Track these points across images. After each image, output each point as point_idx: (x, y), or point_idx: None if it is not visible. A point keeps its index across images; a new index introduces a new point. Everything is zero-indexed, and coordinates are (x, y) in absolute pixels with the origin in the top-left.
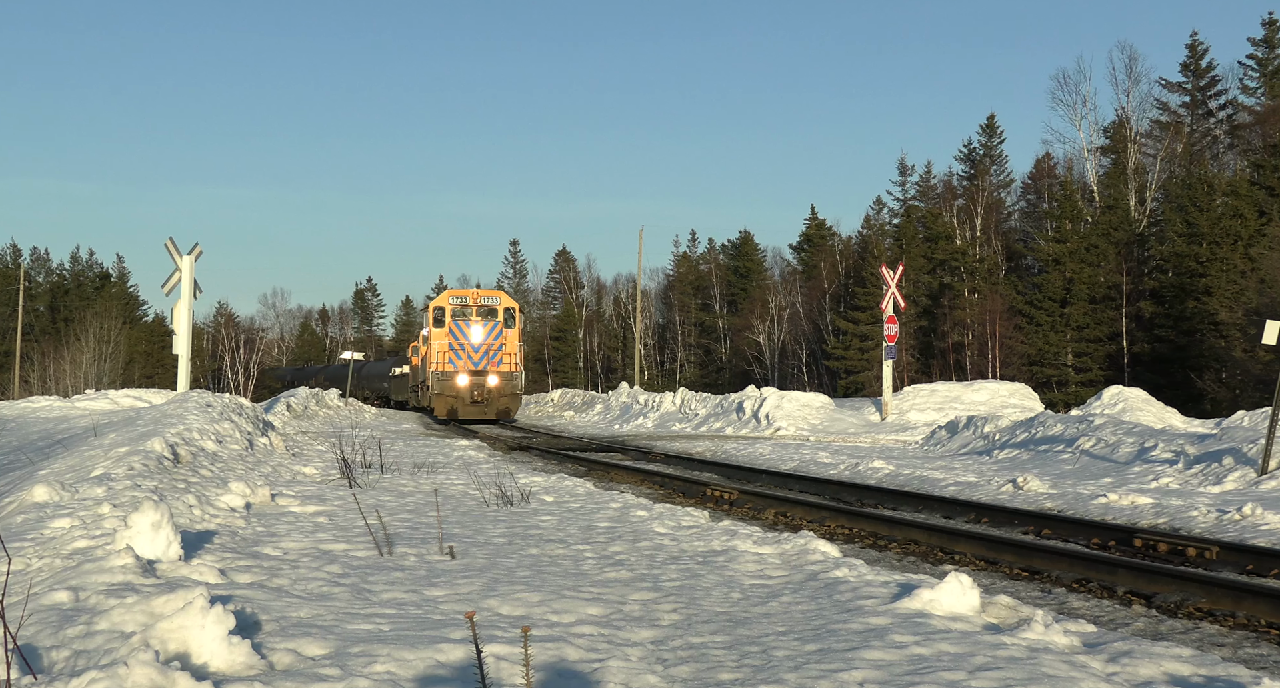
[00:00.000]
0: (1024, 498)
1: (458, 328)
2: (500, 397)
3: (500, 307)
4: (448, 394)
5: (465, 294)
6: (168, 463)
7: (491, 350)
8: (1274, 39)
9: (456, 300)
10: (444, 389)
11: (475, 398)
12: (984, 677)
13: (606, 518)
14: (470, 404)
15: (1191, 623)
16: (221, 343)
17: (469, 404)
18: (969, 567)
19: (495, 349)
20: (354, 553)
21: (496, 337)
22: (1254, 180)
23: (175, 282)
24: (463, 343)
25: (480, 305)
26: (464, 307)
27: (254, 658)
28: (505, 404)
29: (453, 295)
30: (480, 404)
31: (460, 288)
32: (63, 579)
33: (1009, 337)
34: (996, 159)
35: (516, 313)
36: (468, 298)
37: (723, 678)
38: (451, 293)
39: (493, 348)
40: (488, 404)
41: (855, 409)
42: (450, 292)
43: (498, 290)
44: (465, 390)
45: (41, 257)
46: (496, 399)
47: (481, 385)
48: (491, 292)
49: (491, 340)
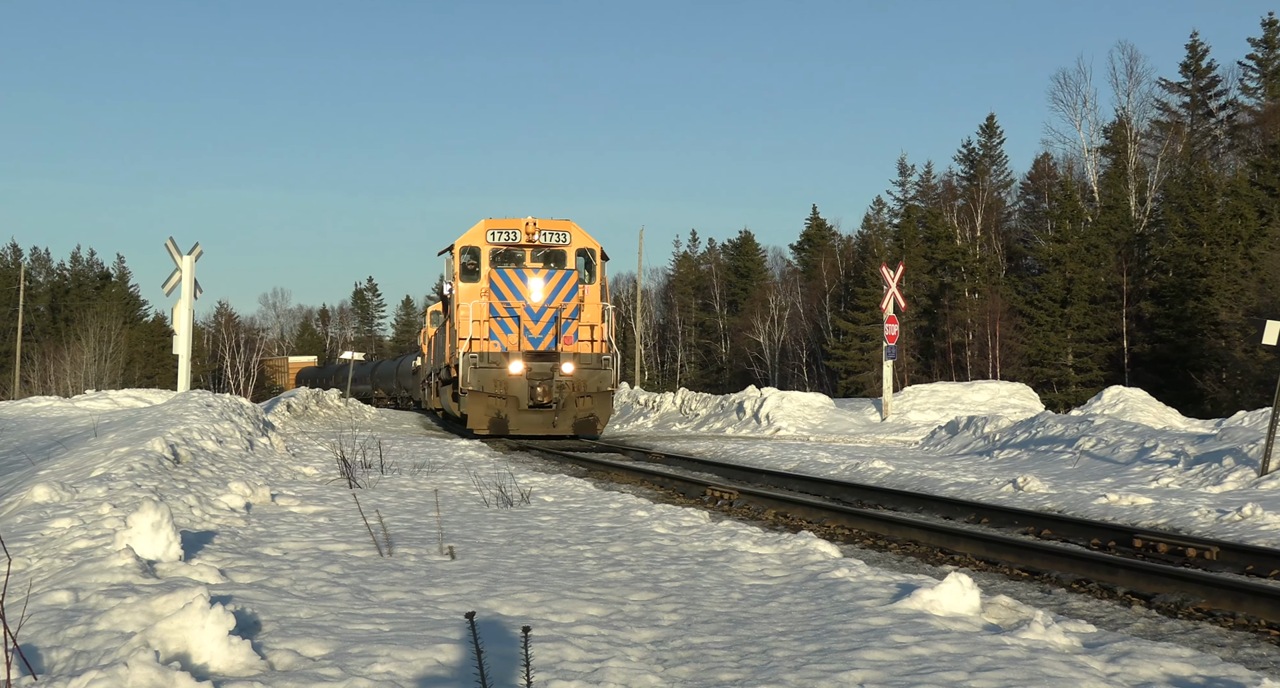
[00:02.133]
0: (1024, 498)
1: (504, 280)
2: (581, 397)
3: (570, 247)
4: (492, 391)
5: (514, 225)
6: (168, 463)
7: (563, 317)
8: (1274, 39)
9: (500, 235)
10: (484, 383)
11: (538, 398)
12: (984, 677)
13: (606, 518)
14: (529, 409)
15: (1191, 624)
16: (221, 343)
17: (527, 408)
18: (969, 567)
19: (569, 315)
20: (354, 553)
21: (570, 294)
22: (1254, 180)
23: (175, 282)
24: (512, 305)
25: (540, 244)
26: (513, 247)
27: (254, 658)
28: (590, 410)
29: (493, 228)
30: (546, 409)
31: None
32: (63, 580)
33: (1009, 337)
34: (996, 159)
35: (598, 258)
36: (517, 232)
37: (723, 678)
38: (492, 224)
39: (564, 312)
40: (560, 409)
41: (855, 409)
42: (490, 223)
43: (566, 221)
44: (521, 385)
45: (41, 257)
46: (574, 401)
47: (548, 376)
48: (558, 223)
49: (562, 301)
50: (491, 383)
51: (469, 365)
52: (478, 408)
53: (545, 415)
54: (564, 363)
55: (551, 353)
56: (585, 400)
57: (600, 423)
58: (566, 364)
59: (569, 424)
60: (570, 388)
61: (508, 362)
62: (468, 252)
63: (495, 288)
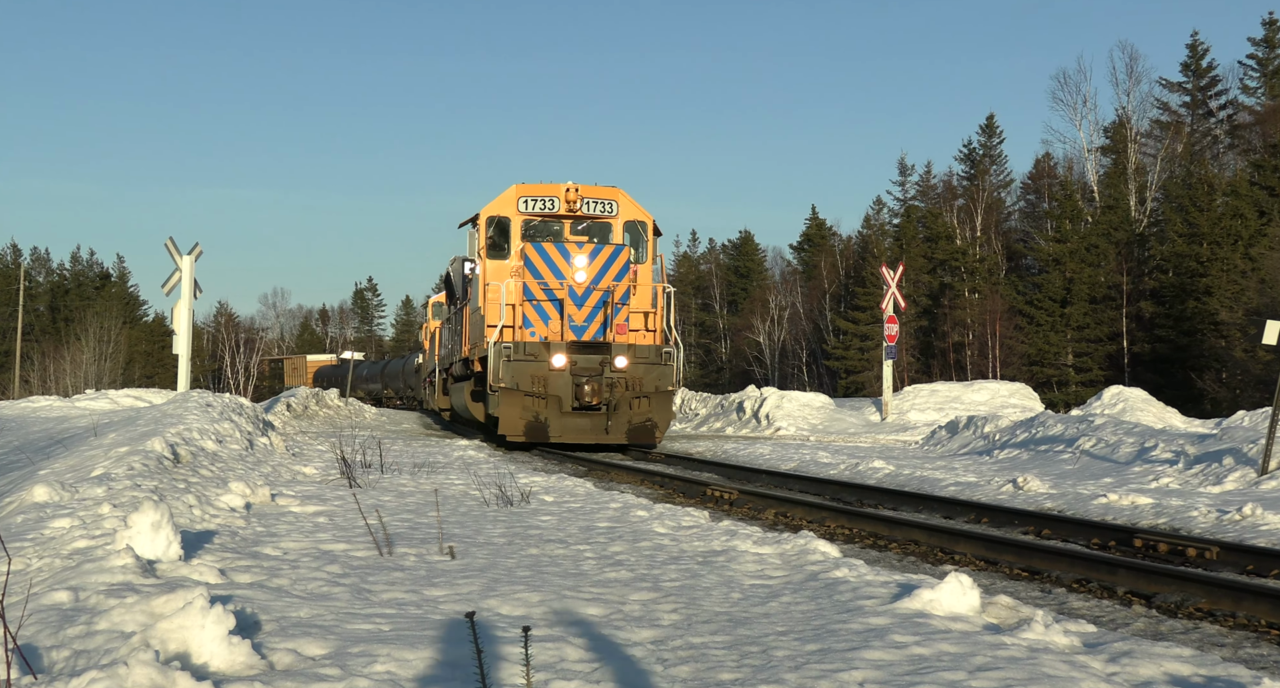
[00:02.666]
0: (1024, 498)
1: (541, 257)
2: (637, 398)
3: (618, 219)
4: (529, 390)
5: (551, 191)
6: (168, 463)
7: (613, 300)
8: (1274, 39)
9: (535, 204)
10: (520, 380)
11: (585, 399)
12: (984, 677)
13: (606, 518)
14: (574, 411)
15: (1192, 623)
16: (221, 343)
17: (570, 411)
18: (969, 567)
19: (619, 299)
20: (354, 553)
21: (620, 273)
22: (1254, 180)
23: (175, 282)
24: (551, 286)
25: (583, 214)
26: (550, 217)
27: (254, 658)
28: (646, 413)
29: (526, 195)
30: (594, 412)
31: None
32: (63, 579)
33: (1009, 337)
34: (996, 159)
35: (650, 232)
36: (555, 200)
37: (723, 678)
38: (524, 191)
39: (614, 295)
40: (613, 411)
41: (855, 409)
42: (522, 189)
43: (613, 188)
44: (564, 382)
45: (41, 257)
46: (629, 402)
47: (597, 373)
48: (603, 190)
49: (611, 281)
50: (528, 380)
51: (501, 358)
52: (511, 410)
53: (594, 420)
54: (616, 356)
55: (600, 344)
56: (641, 402)
57: (659, 430)
58: (619, 358)
59: (622, 431)
60: (623, 387)
61: (549, 354)
62: (495, 224)
63: (531, 265)
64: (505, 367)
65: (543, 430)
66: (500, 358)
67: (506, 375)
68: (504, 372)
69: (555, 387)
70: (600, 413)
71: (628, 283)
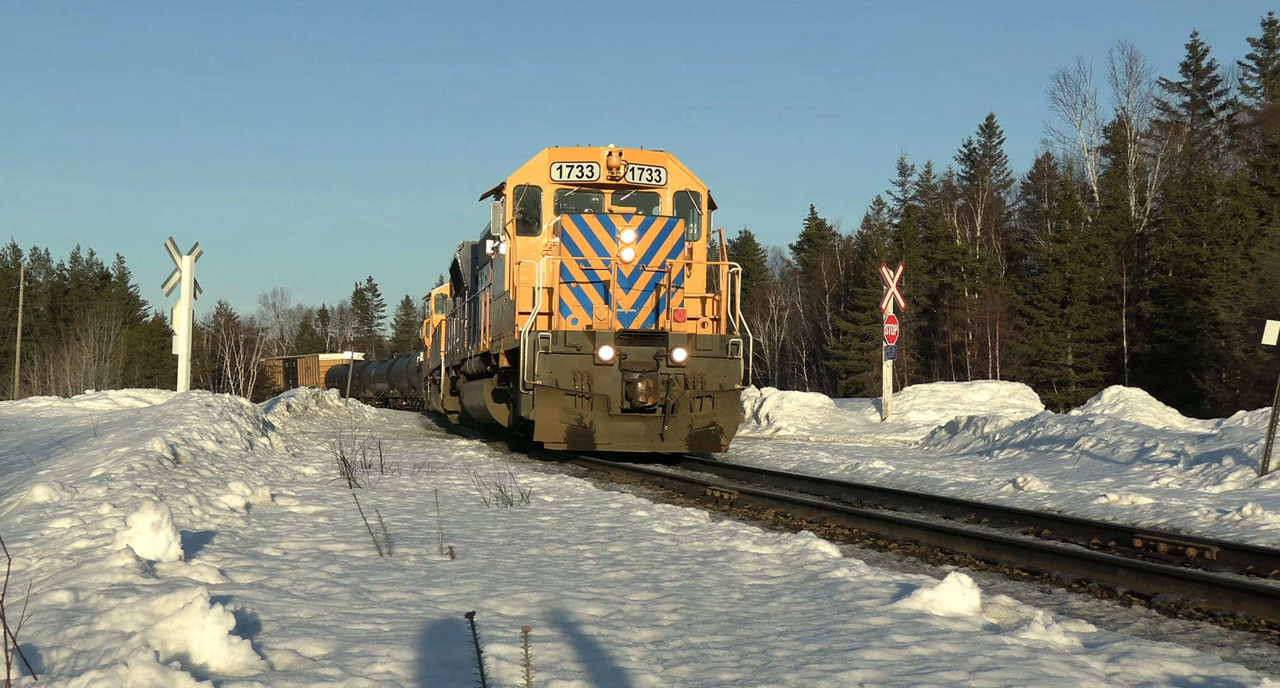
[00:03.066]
0: (1024, 498)
1: (581, 231)
2: (699, 397)
3: (667, 189)
4: (571, 389)
5: (590, 156)
6: (168, 463)
7: (666, 282)
8: (1274, 39)
9: (571, 171)
10: (560, 376)
11: (639, 398)
12: (984, 677)
13: (606, 518)
14: (624, 413)
15: (1192, 623)
16: (221, 343)
17: (620, 413)
18: (969, 567)
19: (673, 280)
20: (354, 553)
21: (674, 251)
22: (1254, 180)
23: (175, 282)
24: (593, 266)
25: (628, 183)
26: (589, 186)
27: (254, 658)
28: (710, 416)
29: (561, 160)
30: (648, 414)
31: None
32: (63, 580)
33: (1009, 337)
34: (996, 159)
35: (704, 205)
36: (595, 166)
37: (723, 678)
38: (559, 155)
39: (668, 276)
40: (671, 413)
41: (855, 409)
42: (556, 153)
43: (661, 153)
44: (613, 379)
45: (41, 257)
46: (690, 403)
47: (651, 367)
48: (651, 155)
49: (663, 260)
50: (570, 376)
51: (536, 350)
52: (550, 412)
53: (648, 424)
54: (674, 348)
55: (655, 334)
56: (704, 402)
57: (725, 436)
58: (677, 350)
59: (682, 436)
60: (682, 384)
61: (594, 346)
62: (524, 194)
63: (569, 241)
64: (543, 361)
65: (587, 437)
66: (536, 350)
67: (544, 371)
68: (541, 366)
69: (602, 384)
70: (655, 416)
71: (682, 261)
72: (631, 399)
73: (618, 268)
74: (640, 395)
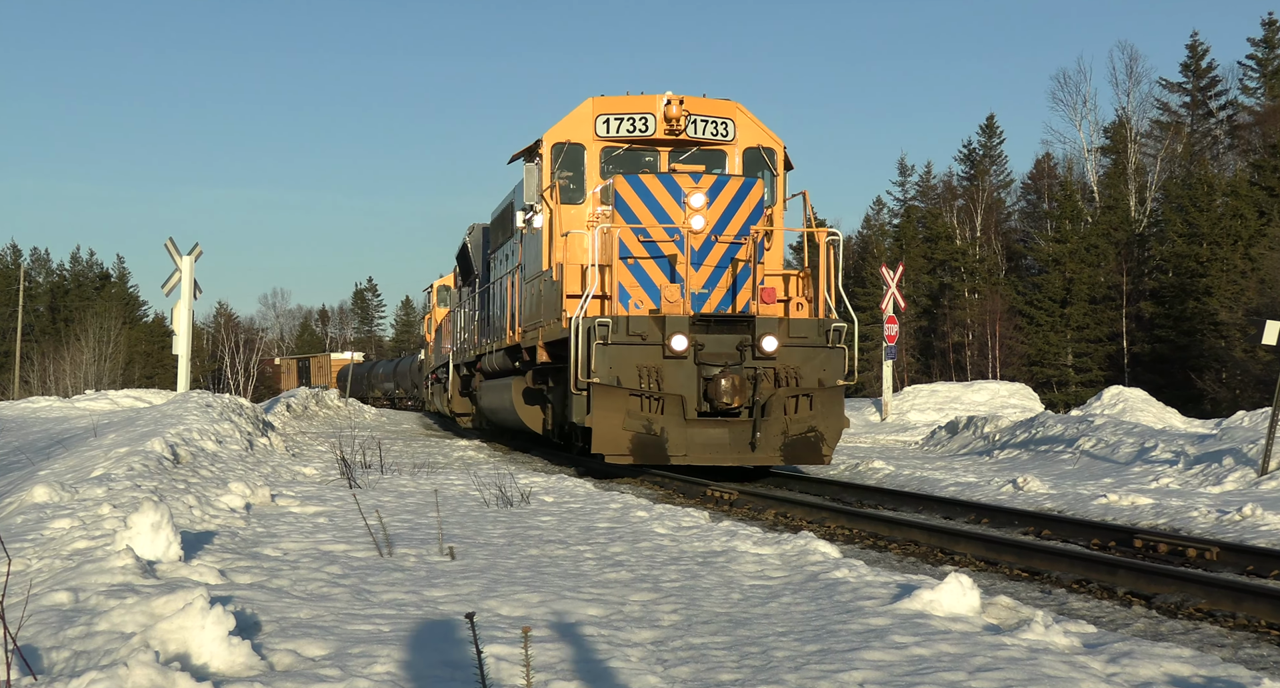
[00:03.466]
0: (1024, 498)
1: (639, 194)
2: (795, 396)
3: (735, 146)
4: (638, 388)
5: (643, 106)
6: (168, 463)
7: (744, 256)
8: (1274, 39)
9: (620, 124)
10: (620, 371)
11: (721, 399)
12: (984, 677)
13: (606, 519)
14: (701, 417)
15: (1192, 624)
16: (221, 343)
17: (695, 418)
18: (969, 567)
19: (751, 254)
20: (354, 554)
21: (752, 218)
22: (1254, 180)
23: (175, 282)
24: (654, 237)
25: (690, 139)
26: (643, 143)
27: (254, 659)
28: (809, 420)
29: (608, 111)
30: (731, 418)
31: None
32: (63, 580)
33: (1009, 337)
34: (996, 159)
35: (780, 164)
36: (649, 118)
37: (723, 678)
38: (605, 106)
39: (745, 248)
40: (763, 418)
41: (855, 409)
42: (601, 103)
43: (728, 102)
44: (687, 375)
45: (41, 257)
46: (783, 404)
47: (733, 359)
48: (716, 104)
49: (739, 229)
50: (634, 372)
51: (593, 340)
52: (611, 417)
53: (733, 431)
54: (762, 336)
55: (738, 318)
56: (800, 403)
57: (827, 444)
58: (767, 338)
59: (775, 445)
60: (770, 380)
61: (663, 334)
62: (563, 153)
63: (624, 207)
64: (601, 353)
65: (658, 447)
66: (593, 341)
67: (603, 366)
68: (600, 360)
69: (675, 381)
70: (741, 420)
71: (762, 230)
72: (712, 399)
73: (684, 240)
74: (723, 395)
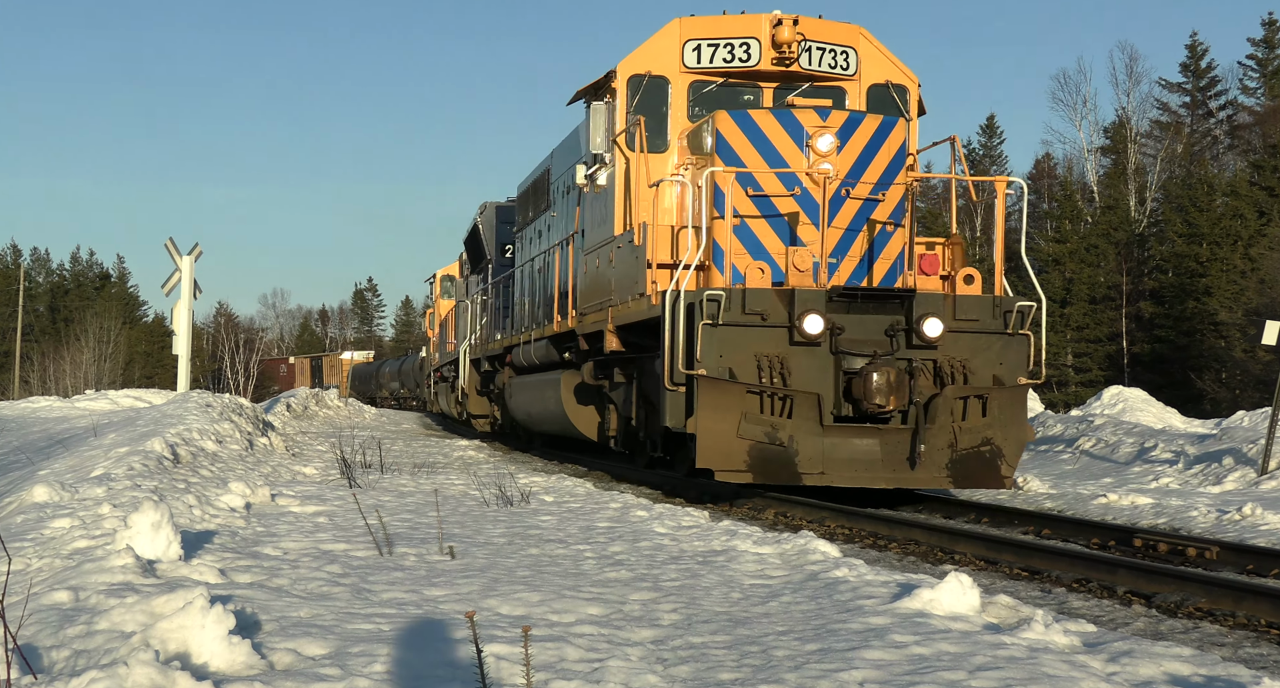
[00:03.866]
0: (1024, 498)
1: (748, 134)
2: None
3: (859, 81)
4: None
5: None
6: (168, 463)
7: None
8: (1274, 39)
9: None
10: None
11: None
12: (984, 677)
13: (606, 518)
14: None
15: (1192, 623)
16: (221, 343)
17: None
18: (969, 567)
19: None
20: (354, 553)
21: (894, 166)
22: (1254, 181)
23: (175, 282)
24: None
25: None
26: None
27: (254, 658)
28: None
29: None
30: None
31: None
32: (63, 579)
33: None
34: (996, 159)
35: (914, 106)
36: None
37: (723, 678)
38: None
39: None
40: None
41: None
42: (689, 23)
43: (849, 26)
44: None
45: (41, 257)
46: (949, 407)
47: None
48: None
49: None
50: (751, 362)
51: (697, 319)
52: (723, 420)
53: (885, 442)
54: (924, 319)
55: (891, 294)
56: (971, 407)
57: (1007, 461)
58: (930, 321)
59: (941, 462)
60: (928, 376)
61: (791, 312)
62: (643, 88)
63: (727, 152)
64: (710, 337)
65: (784, 462)
66: (698, 320)
67: (711, 353)
68: (708, 345)
69: (804, 375)
70: (895, 429)
71: (906, 183)
72: (858, 400)
73: (807, 193)
74: (874, 394)
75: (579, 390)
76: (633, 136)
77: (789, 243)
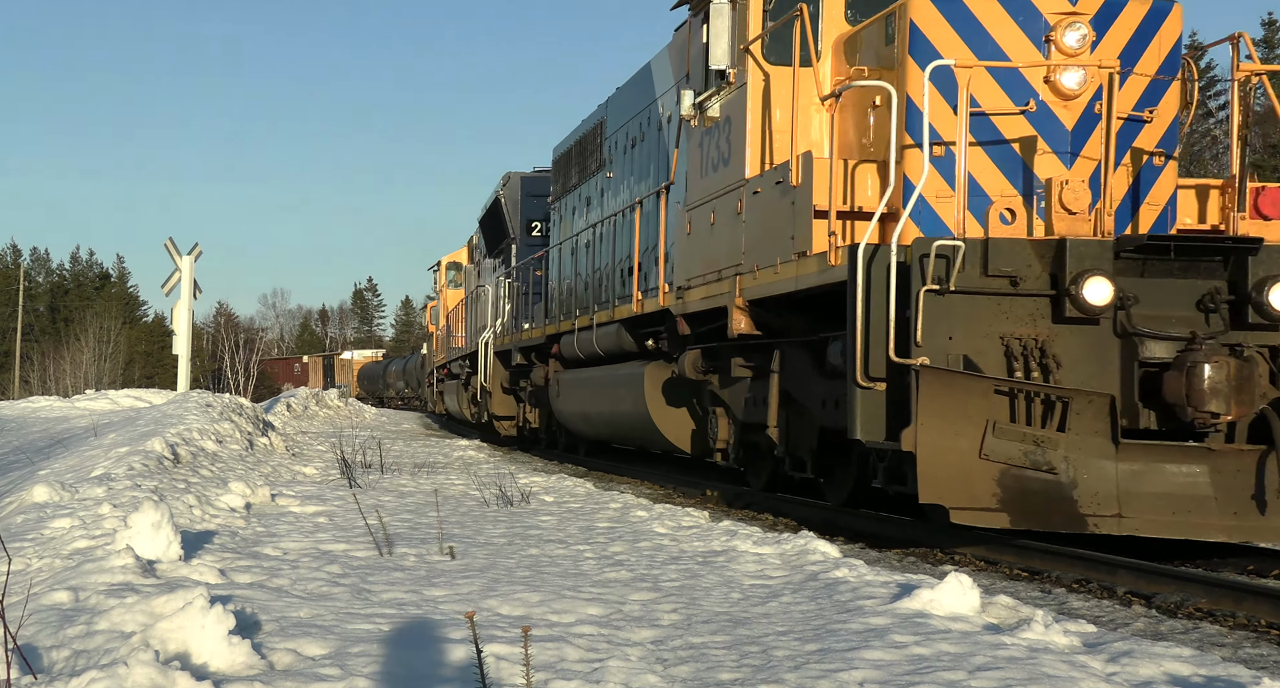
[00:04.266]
0: None
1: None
2: None
3: None
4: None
5: None
6: (168, 463)
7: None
8: (1274, 39)
9: None
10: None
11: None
12: (984, 677)
13: (606, 518)
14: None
15: (1192, 623)
16: (221, 343)
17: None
18: (969, 567)
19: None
20: (354, 553)
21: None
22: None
23: (175, 282)
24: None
25: None
26: None
27: (254, 658)
28: None
29: None
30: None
31: None
32: (63, 579)
33: None
34: None
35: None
36: None
37: (722, 678)
38: None
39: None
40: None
41: None
42: None
43: None
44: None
45: (41, 257)
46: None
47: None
48: None
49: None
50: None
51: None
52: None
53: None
54: (1270, 284)
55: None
56: None
57: None
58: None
59: None
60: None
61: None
62: None
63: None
64: (935, 308)
65: (1058, 497)
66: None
67: (938, 332)
68: (932, 321)
69: (1080, 368)
70: (1235, 451)
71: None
72: (1171, 405)
73: (1048, 110)
74: (1205, 397)
75: (668, 388)
76: (781, 42)
77: (1019, 183)
